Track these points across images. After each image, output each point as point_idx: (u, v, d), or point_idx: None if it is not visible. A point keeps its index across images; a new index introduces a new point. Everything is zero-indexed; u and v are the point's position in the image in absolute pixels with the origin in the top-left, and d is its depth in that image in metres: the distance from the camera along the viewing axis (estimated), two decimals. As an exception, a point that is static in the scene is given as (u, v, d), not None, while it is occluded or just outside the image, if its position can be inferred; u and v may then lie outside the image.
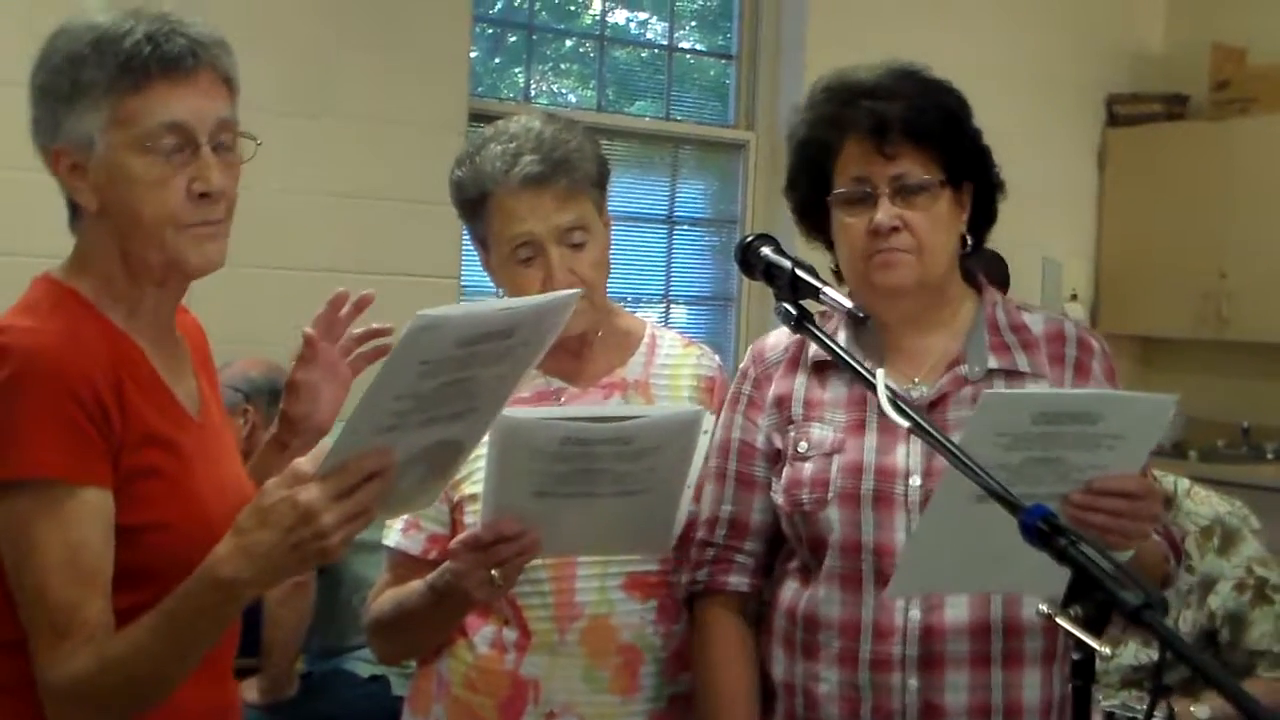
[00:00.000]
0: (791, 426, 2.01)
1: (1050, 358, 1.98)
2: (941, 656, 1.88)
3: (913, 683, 1.88)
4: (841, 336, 2.01)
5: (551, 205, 2.02)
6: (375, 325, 1.85)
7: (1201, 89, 6.54)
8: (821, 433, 1.98)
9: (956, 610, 1.88)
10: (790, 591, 2.00)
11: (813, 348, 2.02)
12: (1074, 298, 6.54)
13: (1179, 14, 6.86)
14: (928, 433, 1.54)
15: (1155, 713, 3.11)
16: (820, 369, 2.02)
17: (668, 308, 5.86)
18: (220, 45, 1.66)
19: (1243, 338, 6.29)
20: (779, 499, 2.00)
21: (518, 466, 1.72)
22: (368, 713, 3.53)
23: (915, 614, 1.89)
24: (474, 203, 2.07)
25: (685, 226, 5.93)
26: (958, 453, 1.50)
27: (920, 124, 1.93)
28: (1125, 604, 1.27)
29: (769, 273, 1.79)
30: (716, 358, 2.27)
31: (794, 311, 1.74)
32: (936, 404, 1.95)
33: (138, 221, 1.62)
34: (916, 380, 1.98)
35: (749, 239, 1.84)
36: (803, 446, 1.98)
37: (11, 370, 1.52)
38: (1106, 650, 1.29)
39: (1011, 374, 1.96)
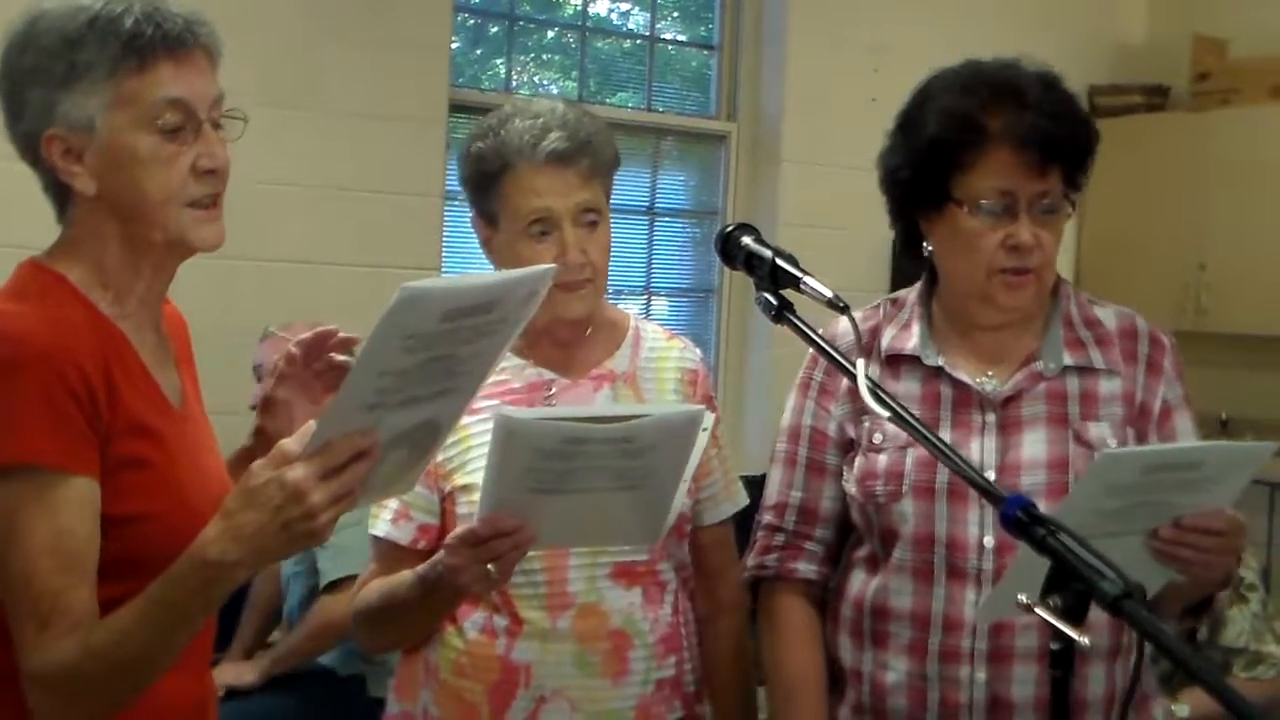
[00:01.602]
0: (865, 417, 2.01)
1: (1123, 354, 2.00)
2: (1010, 651, 1.89)
3: (980, 675, 1.90)
4: (915, 328, 2.02)
5: (573, 183, 2.04)
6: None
7: (1182, 80, 6.55)
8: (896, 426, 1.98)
9: None
10: (858, 581, 2.02)
11: (885, 339, 2.03)
12: (1055, 289, 6.56)
13: (1160, 5, 6.87)
14: (908, 422, 1.55)
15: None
16: (894, 361, 2.02)
17: (649, 299, 5.85)
18: (208, 24, 1.67)
19: (1221, 329, 6.31)
20: (852, 489, 2.01)
21: (518, 465, 1.71)
22: (344, 712, 3.53)
23: None
24: (492, 175, 2.07)
25: (666, 218, 5.92)
26: (936, 442, 1.51)
27: (1077, 145, 1.93)
28: (1104, 594, 1.27)
29: (749, 262, 1.78)
30: (698, 350, 2.28)
31: (774, 301, 1.74)
32: (1012, 399, 1.96)
33: (142, 201, 1.62)
34: (990, 374, 1.99)
35: (729, 228, 1.83)
36: (877, 438, 1.99)
37: (1, 356, 1.51)
38: (1086, 641, 1.30)
39: (1085, 370, 1.97)
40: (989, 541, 1.90)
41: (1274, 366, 6.36)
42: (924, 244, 2.02)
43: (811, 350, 2.09)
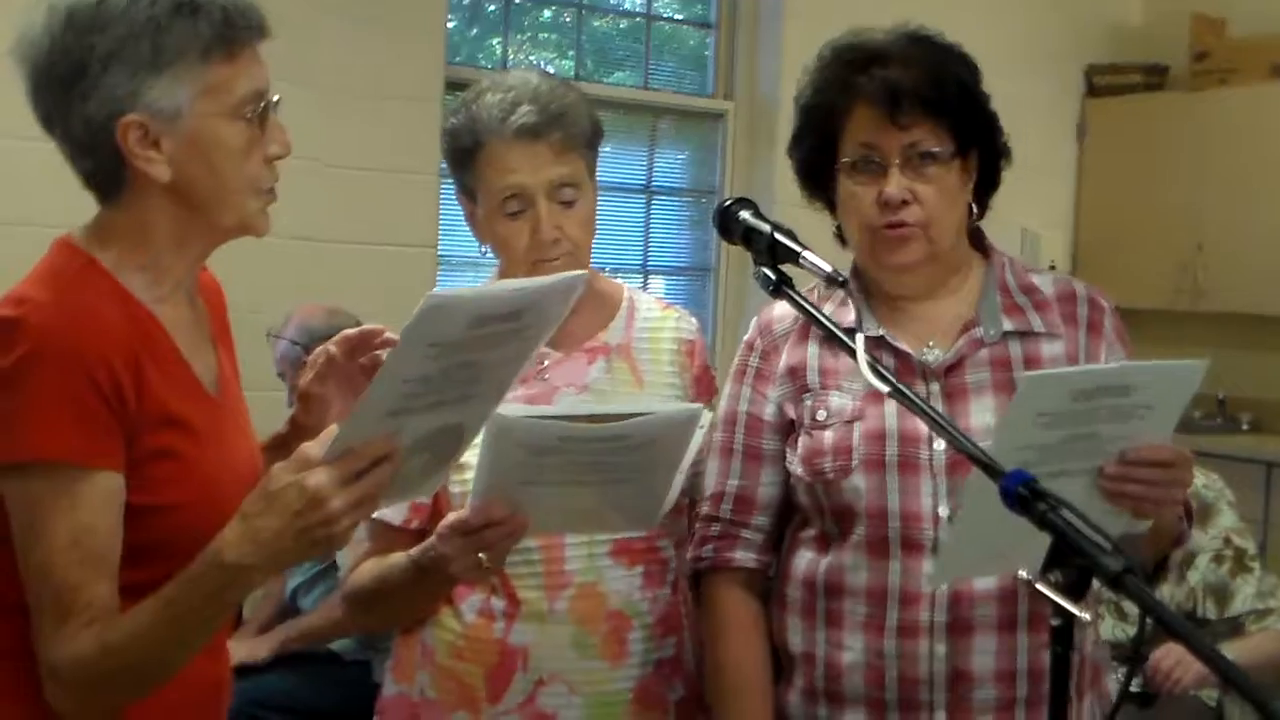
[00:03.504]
0: (807, 395, 1.99)
1: (1063, 318, 1.97)
2: (970, 622, 1.87)
3: (940, 649, 1.87)
4: (852, 304, 1.98)
5: (545, 158, 2.00)
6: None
7: (1181, 60, 6.54)
8: (841, 401, 1.95)
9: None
10: (805, 561, 1.98)
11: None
12: (1052, 268, 6.55)
13: (1158, -15, 6.86)
14: (907, 397, 1.53)
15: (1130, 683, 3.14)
16: (833, 338, 2.00)
17: (646, 278, 5.84)
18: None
19: (1218, 309, 6.31)
20: (797, 469, 1.97)
21: (510, 460, 1.70)
22: (346, 696, 3.54)
23: None
24: (466, 152, 2.04)
25: (663, 197, 5.91)
26: (936, 417, 1.49)
27: (935, 94, 1.89)
28: (1106, 569, 1.26)
29: (747, 237, 1.77)
30: (694, 320, 2.26)
31: (772, 276, 1.73)
32: (954, 367, 1.93)
33: (221, 188, 1.61)
34: (931, 344, 1.96)
35: (727, 203, 1.82)
36: (821, 415, 1.96)
37: (27, 349, 1.49)
38: (1087, 616, 1.29)
39: (1026, 335, 1.95)
40: (944, 511, 1.87)
41: (1271, 346, 6.36)
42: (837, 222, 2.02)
43: (748, 336, 2.09)
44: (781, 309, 2.07)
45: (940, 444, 1.88)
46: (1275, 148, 6.05)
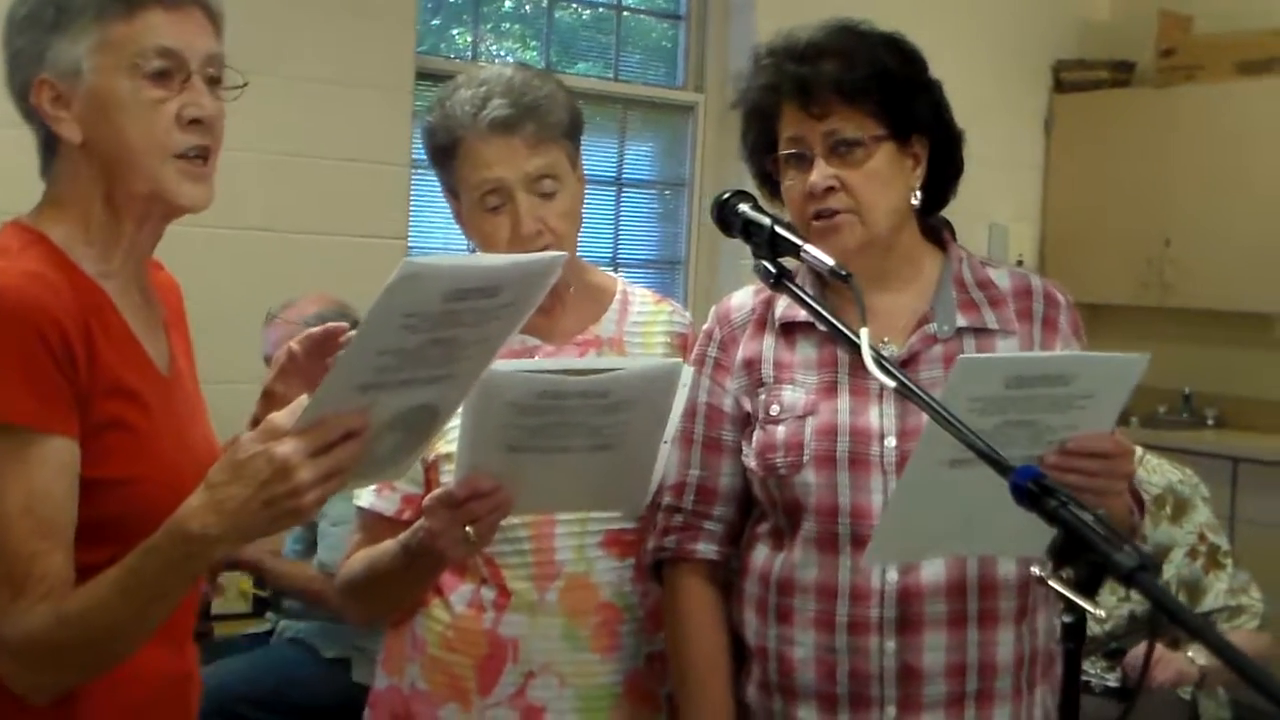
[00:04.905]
0: (762, 389, 1.97)
1: (1018, 313, 1.96)
2: (920, 618, 1.86)
3: (890, 645, 1.86)
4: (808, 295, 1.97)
5: (521, 151, 1.99)
6: None
7: (1148, 56, 6.57)
8: (793, 395, 1.94)
9: (933, 570, 1.86)
10: (762, 556, 1.98)
11: (779, 308, 2.00)
12: (1019, 263, 6.57)
13: (1125, -19, 6.89)
14: (913, 393, 1.51)
15: (1109, 675, 3.15)
16: (788, 330, 1.99)
17: (615, 270, 5.81)
18: None
19: (1185, 304, 6.34)
20: (751, 463, 1.96)
21: (493, 420, 1.68)
22: (326, 695, 3.51)
23: (893, 576, 1.86)
24: (445, 150, 2.03)
25: (633, 189, 5.88)
26: (944, 413, 1.47)
27: (846, 82, 1.90)
28: (1119, 566, 1.25)
29: (747, 230, 1.76)
30: (688, 314, 2.25)
31: (773, 269, 1.71)
32: (906, 364, 1.92)
33: (125, 148, 1.59)
34: (886, 340, 1.94)
35: (726, 196, 1.80)
36: (774, 409, 1.95)
37: None
38: (1101, 613, 1.28)
39: (980, 331, 1.94)
40: None
41: (1237, 342, 6.40)
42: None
43: (707, 326, 2.08)
44: (740, 298, 2.07)
45: (891, 440, 1.88)
46: (1241, 144, 6.08)
